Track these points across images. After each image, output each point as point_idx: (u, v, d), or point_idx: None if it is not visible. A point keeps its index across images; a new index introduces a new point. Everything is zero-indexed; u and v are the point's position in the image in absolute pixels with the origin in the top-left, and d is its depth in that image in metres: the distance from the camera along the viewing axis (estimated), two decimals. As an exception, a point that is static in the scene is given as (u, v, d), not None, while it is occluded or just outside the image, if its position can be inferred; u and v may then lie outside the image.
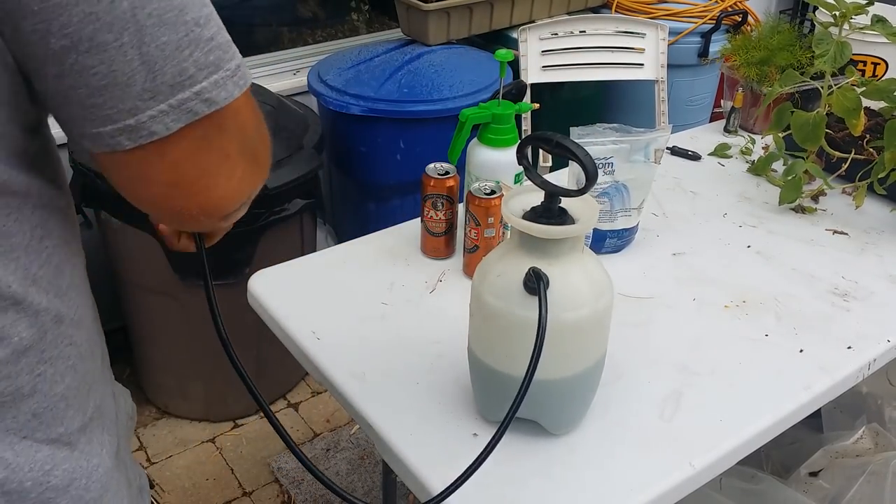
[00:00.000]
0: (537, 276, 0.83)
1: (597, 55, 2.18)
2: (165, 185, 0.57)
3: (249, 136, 0.60)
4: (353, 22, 2.78)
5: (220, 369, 2.10)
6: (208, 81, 0.54)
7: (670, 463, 0.94)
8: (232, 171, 0.59)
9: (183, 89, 0.53)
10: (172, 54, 0.52)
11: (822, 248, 1.37)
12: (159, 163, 0.55)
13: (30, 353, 0.58)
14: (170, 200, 0.59)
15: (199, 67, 0.53)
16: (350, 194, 2.40)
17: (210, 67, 0.54)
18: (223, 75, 0.55)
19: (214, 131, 0.56)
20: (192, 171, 0.57)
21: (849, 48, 1.34)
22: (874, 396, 1.68)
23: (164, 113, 0.53)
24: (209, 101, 0.54)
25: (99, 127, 0.53)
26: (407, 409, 1.00)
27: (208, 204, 0.60)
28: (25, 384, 0.58)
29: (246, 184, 0.61)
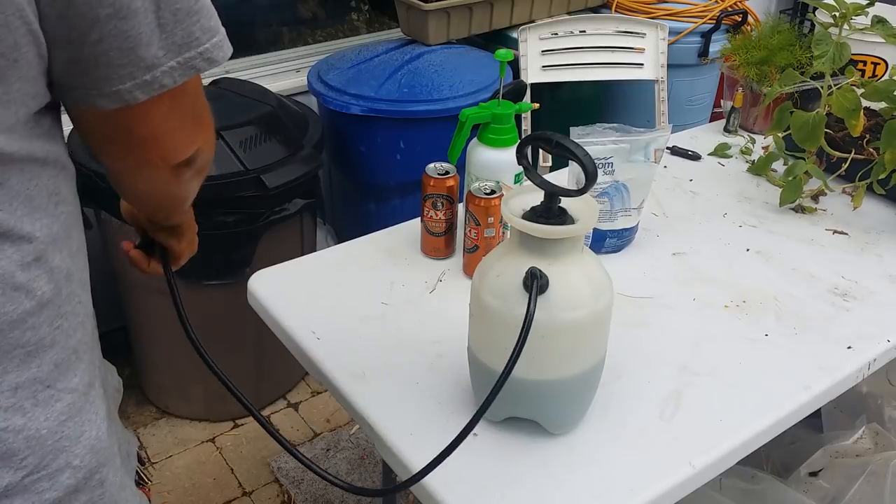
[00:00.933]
0: (532, 275, 0.83)
1: (597, 55, 2.18)
2: (141, 139, 0.66)
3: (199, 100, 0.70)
4: (353, 22, 2.78)
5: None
6: (210, 43, 0.63)
7: (670, 463, 0.94)
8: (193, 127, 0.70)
9: (190, 49, 0.62)
10: (184, 19, 0.61)
11: (822, 248, 1.37)
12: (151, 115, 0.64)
13: (49, 306, 0.63)
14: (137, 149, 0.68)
15: (202, 31, 0.62)
16: (350, 194, 2.40)
17: (211, 31, 0.63)
18: (220, 39, 0.64)
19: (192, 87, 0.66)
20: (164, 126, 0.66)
21: (848, 49, 1.34)
22: (874, 396, 1.68)
23: (174, 69, 0.62)
24: (210, 59, 0.64)
25: (119, 84, 0.61)
26: (407, 409, 1.00)
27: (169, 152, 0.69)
28: (47, 335, 0.63)
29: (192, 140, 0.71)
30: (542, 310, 0.85)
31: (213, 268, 1.95)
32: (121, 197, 0.86)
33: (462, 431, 0.82)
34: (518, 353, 0.82)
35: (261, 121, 1.93)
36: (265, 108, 1.98)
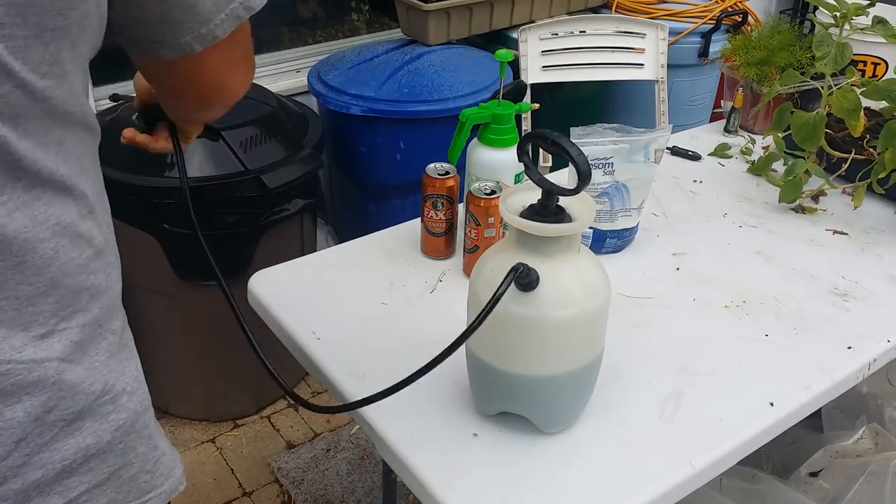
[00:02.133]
0: (513, 268, 0.84)
1: (597, 55, 2.18)
2: (203, 86, 0.79)
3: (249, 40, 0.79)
4: (353, 22, 2.78)
5: (220, 369, 2.10)
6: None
7: (670, 463, 0.94)
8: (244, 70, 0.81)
9: (233, 1, 0.70)
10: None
11: (822, 248, 1.37)
12: (208, 63, 0.74)
13: (103, 255, 0.69)
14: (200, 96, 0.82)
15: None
16: (350, 194, 2.40)
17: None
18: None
19: (241, 35, 0.74)
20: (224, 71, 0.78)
21: (849, 49, 1.34)
22: (874, 396, 1.68)
23: (223, 20, 0.70)
24: (249, 7, 0.71)
25: (180, 37, 0.69)
26: (407, 409, 1.00)
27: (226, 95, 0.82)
28: (103, 281, 0.69)
29: (246, 80, 0.83)
30: (532, 307, 0.85)
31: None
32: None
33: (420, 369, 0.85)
34: (474, 327, 0.83)
35: (261, 121, 1.93)
36: (265, 108, 1.98)
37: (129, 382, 0.72)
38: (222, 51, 0.73)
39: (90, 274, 0.67)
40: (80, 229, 0.65)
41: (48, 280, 0.62)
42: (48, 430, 0.64)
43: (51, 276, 0.63)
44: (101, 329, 0.69)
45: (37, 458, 0.64)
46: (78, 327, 0.66)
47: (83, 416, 0.67)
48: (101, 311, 0.69)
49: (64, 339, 0.65)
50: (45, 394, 0.63)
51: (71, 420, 0.66)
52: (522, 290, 0.85)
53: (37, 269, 0.61)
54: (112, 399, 0.69)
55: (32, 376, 0.62)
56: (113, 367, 0.70)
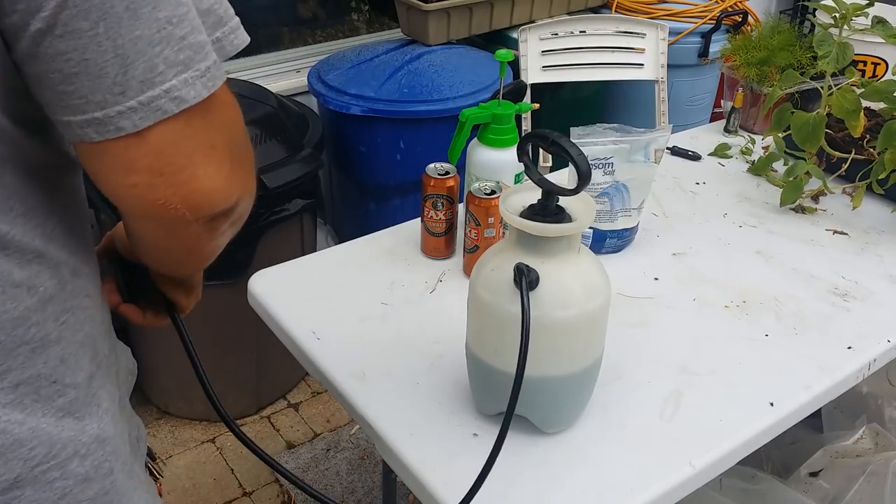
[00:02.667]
0: (520, 271, 0.84)
1: (597, 55, 2.18)
2: (147, 172, 0.56)
3: (236, 136, 0.61)
4: (353, 22, 2.78)
5: (220, 369, 2.10)
6: (177, 80, 0.55)
7: (670, 463, 0.94)
8: (220, 163, 0.59)
9: (153, 87, 0.54)
10: (144, 49, 0.53)
11: (822, 248, 1.37)
12: (137, 150, 0.56)
13: (54, 302, 0.62)
14: (152, 191, 0.57)
15: (168, 65, 0.54)
16: (350, 194, 2.40)
17: (180, 66, 0.55)
18: (192, 74, 0.55)
19: (199, 121, 0.57)
20: (178, 158, 0.57)
21: (851, 49, 1.34)
22: (874, 396, 1.68)
23: (133, 110, 0.54)
24: (178, 99, 0.55)
25: (69, 116, 0.54)
26: (407, 409, 1.00)
27: (194, 196, 0.58)
28: (52, 331, 0.61)
29: (235, 183, 0.60)
30: (532, 307, 0.85)
31: (213, 268, 1.93)
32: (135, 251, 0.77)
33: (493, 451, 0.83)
34: (524, 356, 0.82)
35: (261, 121, 1.93)
36: (265, 108, 1.98)
37: (85, 443, 0.64)
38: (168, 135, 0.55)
39: (31, 327, 0.60)
40: (16, 277, 0.58)
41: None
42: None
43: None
44: (56, 385, 0.62)
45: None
46: (10, 387, 0.59)
47: (20, 485, 0.60)
48: (50, 365, 0.62)
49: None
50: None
51: (5, 489, 0.59)
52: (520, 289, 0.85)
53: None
54: (59, 464, 0.62)
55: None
56: (67, 426, 0.63)
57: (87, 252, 0.68)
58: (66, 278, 0.63)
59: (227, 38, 0.61)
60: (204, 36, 0.57)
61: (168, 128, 0.55)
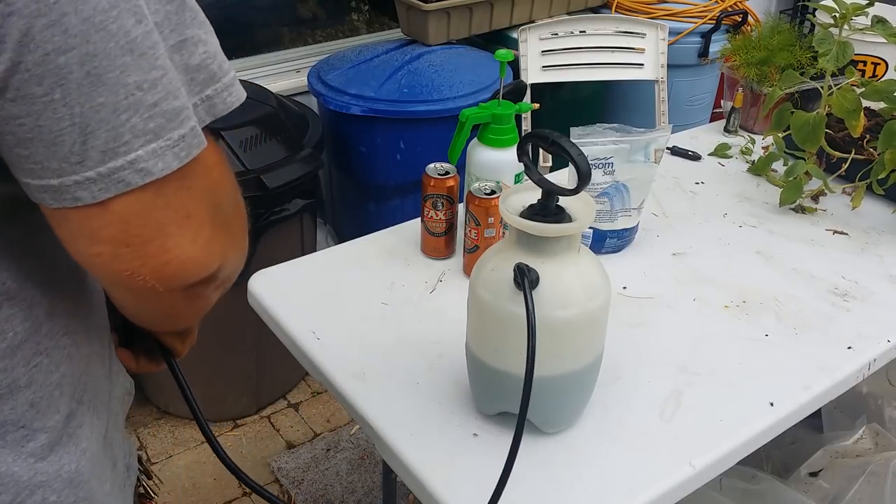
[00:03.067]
0: (521, 271, 0.84)
1: (597, 55, 2.18)
2: (112, 242, 0.53)
3: (220, 201, 0.57)
4: (353, 22, 2.78)
5: (220, 369, 2.10)
6: (144, 150, 0.50)
7: (670, 463, 0.94)
8: (196, 232, 0.55)
9: (116, 157, 0.50)
10: (108, 118, 0.49)
11: (822, 248, 1.37)
12: (99, 220, 0.52)
13: (25, 346, 0.58)
14: (118, 261, 0.53)
15: (135, 134, 0.50)
16: (350, 194, 2.40)
17: (148, 135, 0.50)
18: (162, 145, 0.51)
19: (172, 191, 0.53)
20: (145, 230, 0.53)
21: (851, 48, 1.34)
22: (874, 396, 1.68)
23: (92, 181, 0.50)
24: (144, 171, 0.51)
25: (26, 178, 0.51)
26: (407, 409, 1.00)
27: (165, 268, 0.54)
28: (22, 376, 0.58)
29: (215, 251, 0.56)
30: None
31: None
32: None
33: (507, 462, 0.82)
34: (532, 353, 0.81)
35: (261, 121, 1.93)
36: (265, 108, 1.98)
37: (56, 489, 0.62)
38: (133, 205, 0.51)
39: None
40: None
41: None
42: None
43: None
44: (24, 430, 0.59)
45: None
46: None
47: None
48: (19, 410, 0.58)
49: None
50: None
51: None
52: (521, 289, 0.85)
53: None
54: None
55: None
56: (41, 469, 0.60)
57: (74, 284, 0.64)
58: (41, 319, 0.59)
59: (219, 96, 0.56)
60: (182, 101, 0.52)
61: (133, 199, 0.51)
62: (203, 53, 0.54)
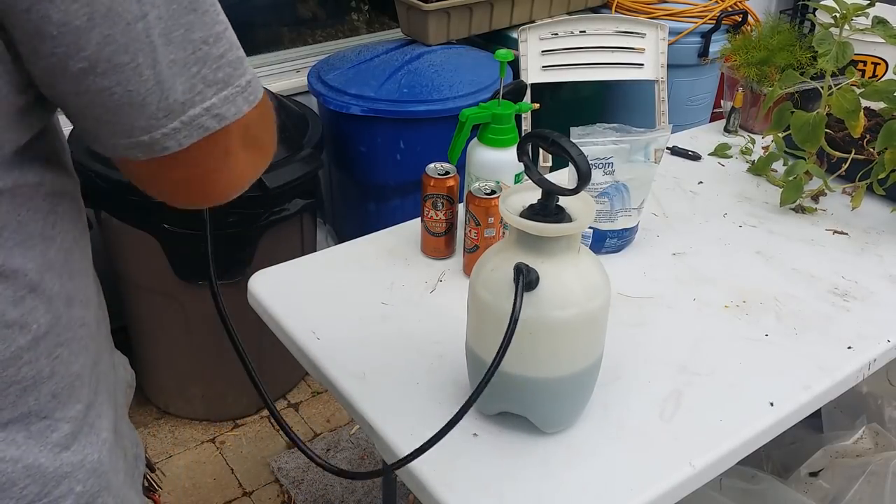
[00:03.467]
0: (518, 270, 0.84)
1: (597, 55, 2.18)
2: (174, 182, 0.61)
3: (253, 131, 0.63)
4: (353, 22, 2.78)
5: (220, 369, 2.10)
6: (217, 98, 0.56)
7: (670, 463, 0.94)
8: (234, 165, 0.62)
9: (193, 106, 0.55)
10: (181, 72, 0.54)
11: (822, 248, 1.37)
12: (171, 167, 0.59)
13: (48, 337, 0.60)
14: (176, 194, 0.63)
15: (207, 84, 0.56)
16: (350, 194, 2.40)
17: (219, 84, 0.56)
18: (233, 91, 0.57)
19: (222, 135, 0.59)
20: (200, 171, 0.60)
21: (851, 48, 1.34)
22: (874, 396, 1.68)
23: (177, 130, 0.55)
24: (219, 116, 0.57)
25: (114, 139, 0.56)
26: (407, 409, 1.00)
27: (211, 195, 0.64)
28: (44, 367, 0.60)
29: (247, 173, 0.65)
30: (532, 306, 0.85)
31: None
32: None
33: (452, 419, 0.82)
34: (505, 347, 0.82)
35: (261, 121, 1.92)
36: (265, 108, 1.98)
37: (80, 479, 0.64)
38: (198, 151, 0.58)
39: (22, 366, 0.59)
40: (10, 317, 0.57)
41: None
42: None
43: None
44: (46, 420, 0.61)
45: None
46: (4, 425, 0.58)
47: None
48: (42, 401, 0.61)
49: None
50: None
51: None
52: (522, 289, 0.85)
53: None
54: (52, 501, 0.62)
55: None
56: (66, 460, 0.62)
57: (85, 275, 0.67)
58: (61, 311, 0.62)
59: None
60: (242, 52, 0.58)
61: (208, 141, 0.58)
62: None
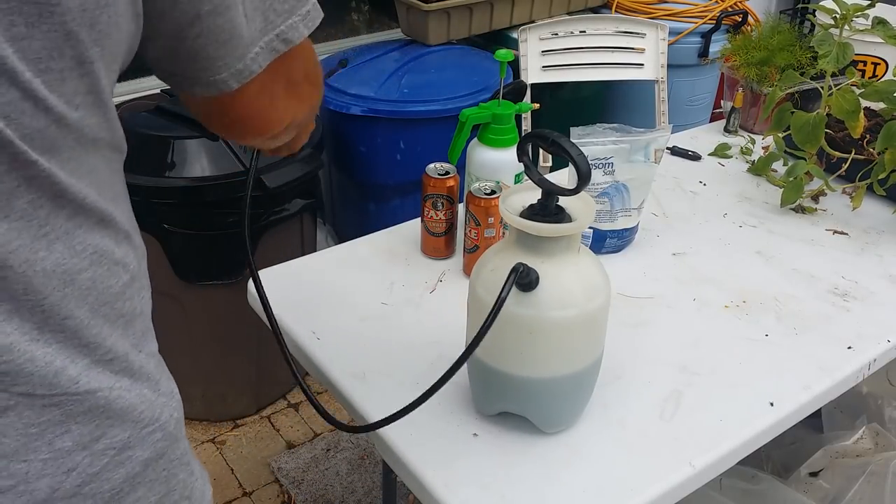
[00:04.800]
0: (514, 269, 0.84)
1: (597, 55, 2.18)
2: (236, 118, 0.72)
3: (311, 64, 0.76)
4: (353, 22, 2.78)
5: (220, 369, 2.10)
6: (285, 24, 0.66)
7: (670, 463, 0.94)
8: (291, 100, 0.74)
9: (267, 32, 0.65)
10: (259, 5, 0.64)
11: (822, 248, 1.37)
12: (242, 98, 0.68)
13: (138, 278, 0.68)
14: (233, 127, 0.74)
15: (277, 14, 0.65)
16: (350, 194, 2.40)
17: (286, 13, 0.66)
18: (296, 19, 0.67)
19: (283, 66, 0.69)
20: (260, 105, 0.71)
21: (851, 49, 1.34)
22: (874, 396, 1.68)
23: (258, 54, 0.65)
24: (287, 40, 0.67)
25: (216, 74, 0.65)
26: (407, 409, 1.00)
27: (263, 128, 0.75)
28: (138, 305, 0.68)
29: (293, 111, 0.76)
30: (531, 307, 0.85)
31: (214, 268, 1.95)
32: None
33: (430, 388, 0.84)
34: (482, 335, 0.82)
35: (261, 121, 1.92)
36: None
37: (174, 408, 0.71)
38: (259, 84, 0.68)
39: (126, 300, 0.66)
40: (116, 255, 0.64)
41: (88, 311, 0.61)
42: (98, 460, 0.63)
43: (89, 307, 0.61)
44: (142, 354, 0.68)
45: (87, 488, 0.63)
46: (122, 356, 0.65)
47: (132, 445, 0.66)
48: (138, 336, 0.68)
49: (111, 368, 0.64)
50: (94, 423, 0.63)
51: (120, 448, 0.65)
52: (522, 290, 0.85)
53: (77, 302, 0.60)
54: (160, 426, 0.68)
55: (84, 406, 0.62)
56: (163, 391, 0.69)
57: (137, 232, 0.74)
58: (140, 258, 0.70)
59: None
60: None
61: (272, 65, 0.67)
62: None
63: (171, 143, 1.81)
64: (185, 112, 1.90)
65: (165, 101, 1.96)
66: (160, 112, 1.91)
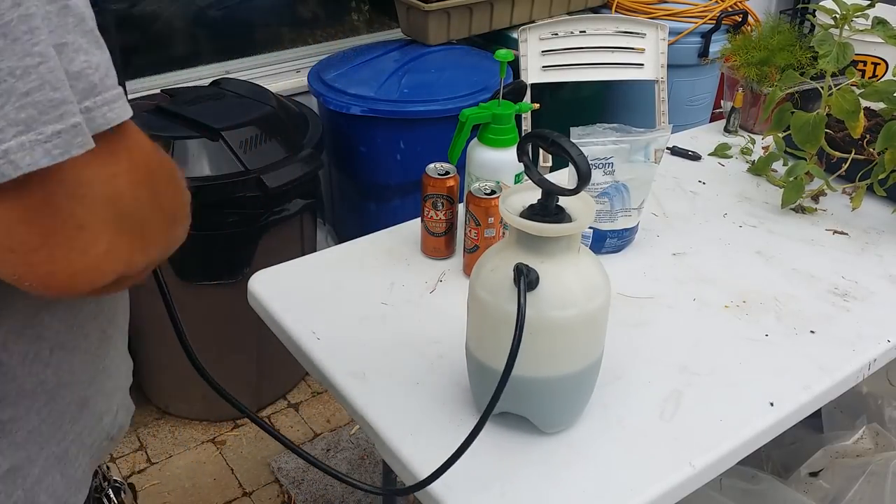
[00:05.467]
0: (519, 271, 0.84)
1: (597, 55, 2.18)
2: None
3: (127, 206, 0.53)
4: (353, 22, 2.78)
5: (220, 369, 2.10)
6: (15, 141, 0.46)
7: (670, 463, 0.94)
8: (89, 244, 0.51)
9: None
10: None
11: (822, 248, 1.37)
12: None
13: None
14: (4, 265, 0.50)
15: (8, 123, 0.46)
16: (350, 194, 2.40)
17: (20, 126, 0.47)
18: (33, 138, 0.47)
19: (60, 196, 0.49)
20: (30, 237, 0.49)
21: (851, 49, 1.34)
22: (874, 396, 1.68)
23: None
24: (14, 163, 0.46)
25: None
26: (407, 409, 1.00)
27: (52, 279, 0.51)
28: None
29: (117, 259, 0.53)
30: (531, 307, 0.85)
31: (214, 268, 1.95)
32: None
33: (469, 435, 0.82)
34: (515, 351, 0.82)
35: (261, 121, 1.93)
36: (265, 108, 1.98)
37: None
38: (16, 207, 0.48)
39: None
40: None
41: None
42: None
43: None
44: None
45: None
46: None
47: None
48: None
49: None
50: None
51: None
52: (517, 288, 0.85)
53: None
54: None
55: None
56: None
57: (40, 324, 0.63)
58: None
59: (98, 110, 0.50)
60: (63, 94, 0.48)
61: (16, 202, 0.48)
62: (84, 62, 0.50)
63: (171, 143, 1.81)
64: (185, 112, 1.90)
65: (165, 101, 1.96)
66: (160, 112, 1.91)
